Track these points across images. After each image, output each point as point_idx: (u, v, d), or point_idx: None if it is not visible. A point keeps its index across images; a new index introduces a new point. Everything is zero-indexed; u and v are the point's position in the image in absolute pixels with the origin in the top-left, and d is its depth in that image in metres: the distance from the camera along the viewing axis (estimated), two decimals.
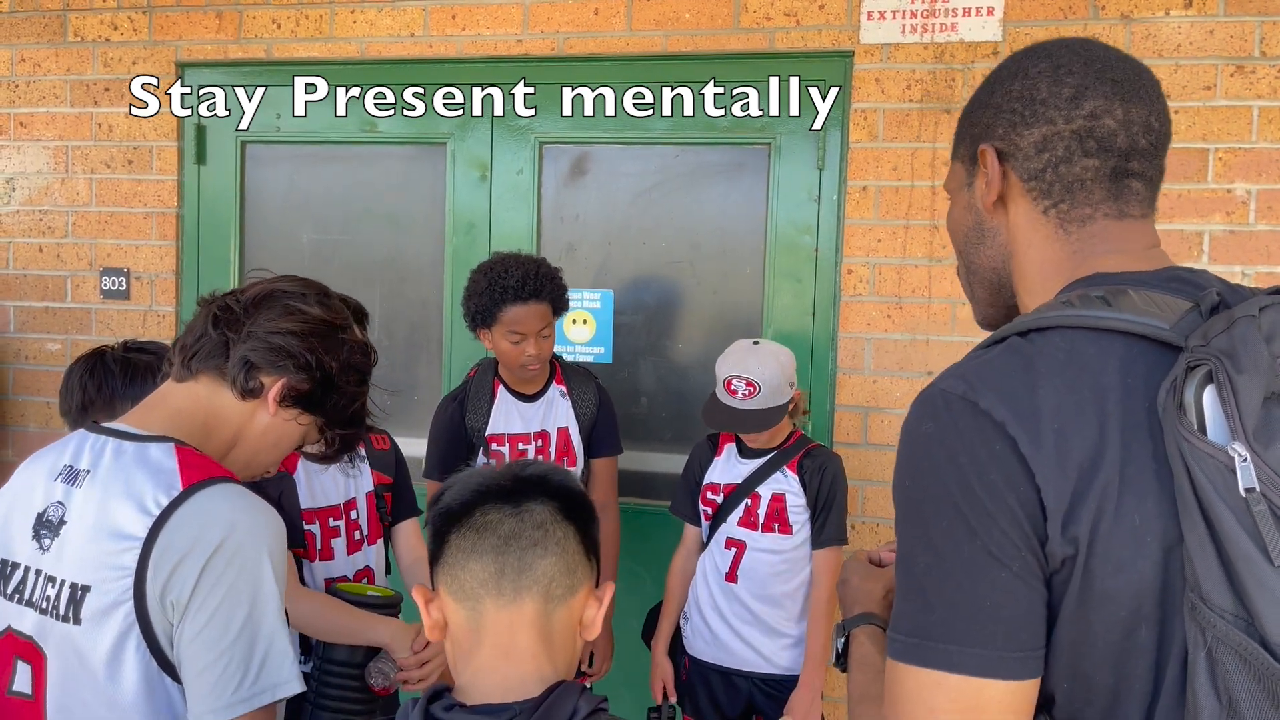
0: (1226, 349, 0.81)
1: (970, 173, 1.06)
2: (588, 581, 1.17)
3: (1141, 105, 0.97)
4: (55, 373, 3.54)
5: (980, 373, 0.89)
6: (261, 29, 3.36)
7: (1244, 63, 2.76)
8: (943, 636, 0.85)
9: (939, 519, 0.86)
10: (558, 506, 1.16)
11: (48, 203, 3.56)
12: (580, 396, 2.73)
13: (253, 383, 1.37)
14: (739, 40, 3.05)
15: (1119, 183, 0.98)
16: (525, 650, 1.11)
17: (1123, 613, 0.83)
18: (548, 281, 2.54)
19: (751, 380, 2.40)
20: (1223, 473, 0.78)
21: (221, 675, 1.19)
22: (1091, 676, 0.85)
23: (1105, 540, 0.82)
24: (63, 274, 3.57)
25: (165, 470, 1.25)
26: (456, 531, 1.14)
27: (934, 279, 2.96)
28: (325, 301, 1.45)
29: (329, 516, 2.15)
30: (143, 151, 3.48)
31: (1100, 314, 0.89)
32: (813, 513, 2.49)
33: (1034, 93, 0.99)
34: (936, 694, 0.84)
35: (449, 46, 3.24)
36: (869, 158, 2.98)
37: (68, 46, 3.51)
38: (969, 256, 1.09)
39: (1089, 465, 0.83)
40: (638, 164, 3.23)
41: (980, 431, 0.86)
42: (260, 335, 1.37)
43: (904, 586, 0.90)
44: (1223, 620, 0.78)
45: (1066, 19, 2.83)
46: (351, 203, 3.44)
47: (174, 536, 1.20)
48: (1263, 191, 2.77)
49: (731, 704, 2.56)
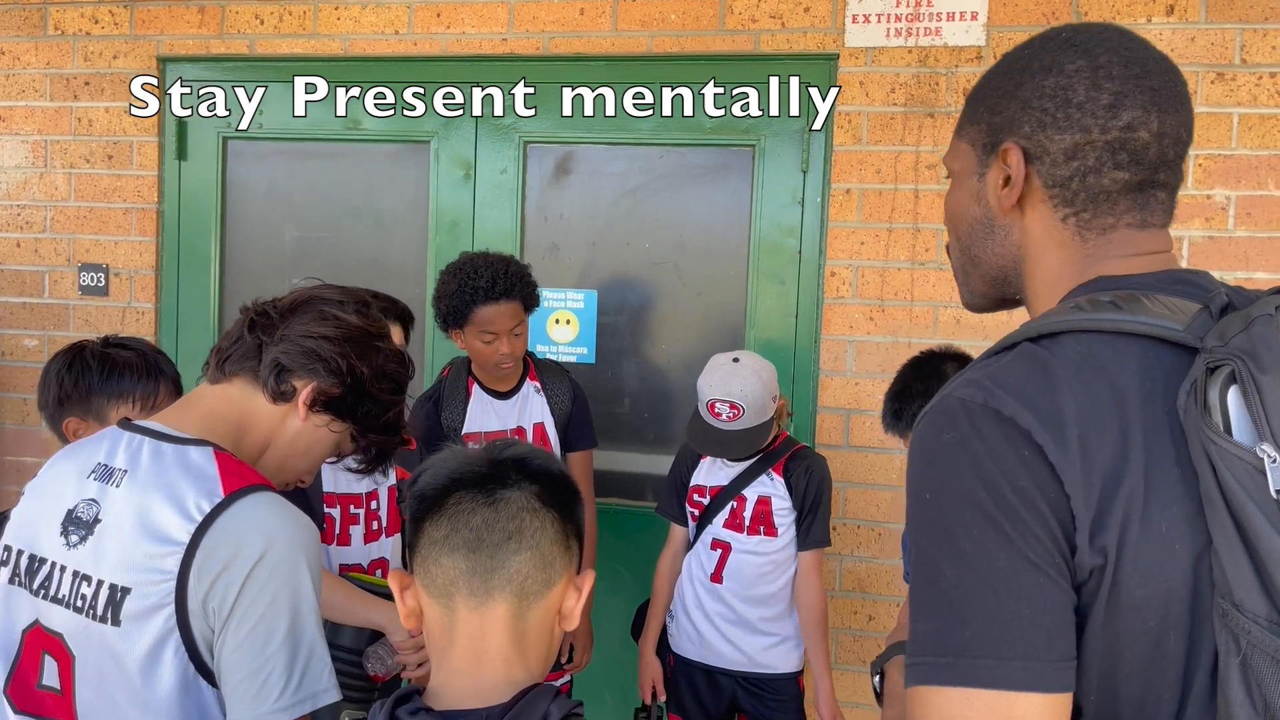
0: (1247, 349, 0.79)
1: (983, 162, 1.01)
2: (567, 570, 1.14)
3: (1175, 116, 0.94)
4: (32, 369, 3.50)
5: (997, 379, 0.86)
6: (244, 24, 3.34)
7: (1225, 70, 2.79)
8: (978, 651, 0.80)
9: (968, 528, 0.82)
10: (536, 492, 1.12)
11: (26, 198, 3.52)
12: (554, 391, 2.75)
13: (284, 385, 1.37)
14: (724, 42, 3.05)
15: (1145, 193, 0.95)
16: (497, 654, 1.09)
17: (1151, 622, 0.81)
18: (518, 280, 2.55)
19: (735, 403, 2.40)
20: (1251, 474, 0.76)
21: (265, 683, 1.21)
22: (1119, 687, 0.83)
23: (1134, 549, 0.80)
24: (41, 269, 3.53)
25: (207, 475, 1.26)
26: (430, 520, 1.11)
27: (916, 282, 2.97)
28: (363, 310, 1.46)
29: (350, 504, 2.18)
30: (123, 146, 3.45)
31: (1113, 317, 0.87)
32: (799, 515, 2.50)
33: (1069, 94, 0.94)
34: (970, 712, 0.80)
35: (434, 45, 3.23)
36: (853, 160, 2.99)
37: (47, 40, 3.48)
38: (972, 249, 1.04)
39: (1113, 472, 0.81)
40: (622, 164, 3.23)
41: (1007, 439, 0.83)
42: (293, 338, 1.38)
43: (926, 605, 0.85)
44: (1258, 626, 0.76)
45: (1050, 24, 2.84)
46: (334, 200, 3.42)
47: (217, 544, 1.22)
48: (1242, 198, 2.80)
49: (716, 702, 2.57)
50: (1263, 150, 2.78)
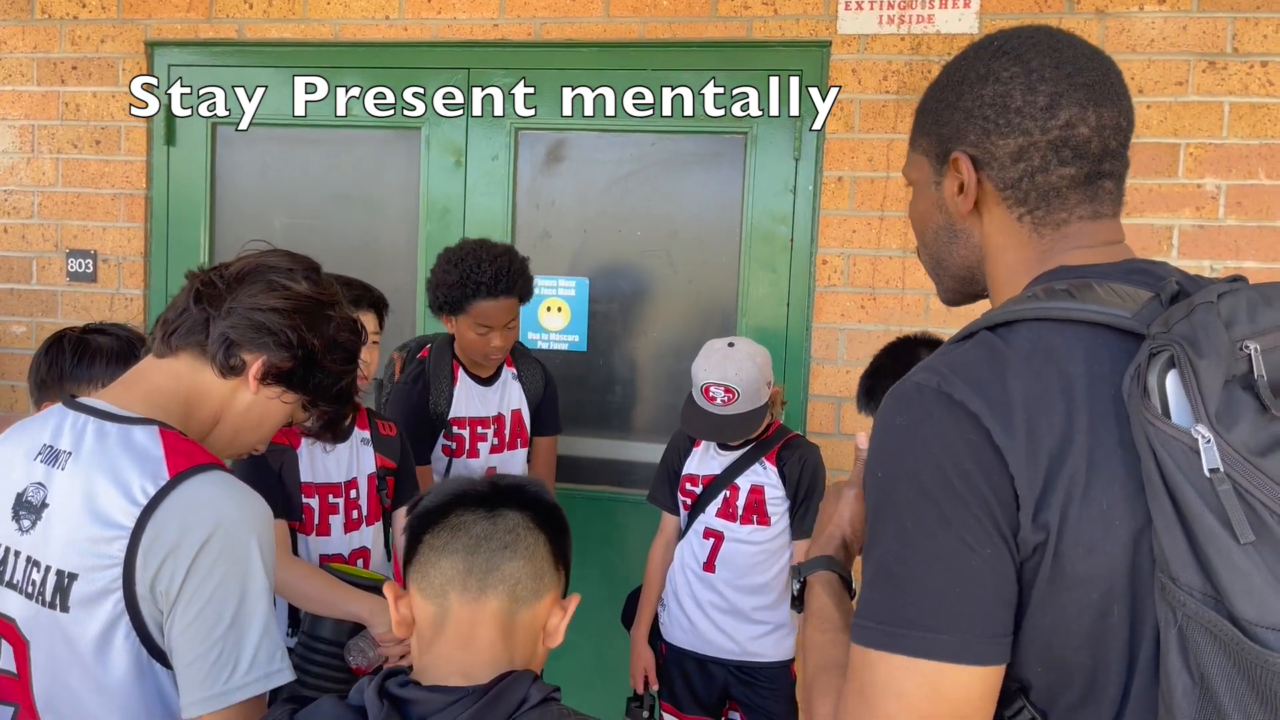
0: (1187, 334, 0.82)
1: (938, 171, 1.06)
2: (554, 589, 1.21)
3: (1112, 107, 0.98)
4: (19, 355, 3.49)
5: (953, 366, 0.91)
6: (233, 8, 3.31)
7: (1216, 59, 2.79)
8: (913, 623, 0.86)
9: (911, 507, 0.88)
10: (531, 516, 1.21)
11: (13, 183, 3.50)
12: (528, 378, 2.81)
13: (233, 360, 1.34)
14: (717, 28, 3.04)
15: (1093, 185, 0.99)
16: (484, 641, 1.14)
17: (1095, 595, 0.85)
18: (519, 276, 2.57)
19: (730, 387, 2.41)
20: (1187, 454, 0.80)
21: (214, 665, 1.19)
22: (1067, 659, 0.87)
23: (1075, 524, 0.84)
24: (28, 255, 3.51)
25: (151, 457, 1.23)
26: (431, 532, 1.19)
27: (908, 270, 2.97)
28: (313, 277, 1.42)
29: (329, 493, 2.17)
30: (111, 132, 3.43)
31: (1065, 305, 0.91)
32: (792, 504, 2.50)
33: (1007, 100, 0.99)
34: (905, 679, 0.86)
35: (424, 30, 3.21)
36: (845, 149, 2.98)
37: (35, 24, 3.44)
38: (938, 254, 1.11)
39: (1057, 452, 0.85)
40: (614, 151, 3.22)
41: (955, 422, 0.87)
42: (241, 312, 1.34)
43: (873, 574, 0.91)
44: (1192, 599, 0.79)
45: (1042, 12, 2.84)
46: (324, 187, 3.41)
47: (163, 527, 1.20)
48: (1232, 187, 2.80)
49: (708, 691, 2.58)
50: (1253, 139, 2.78)
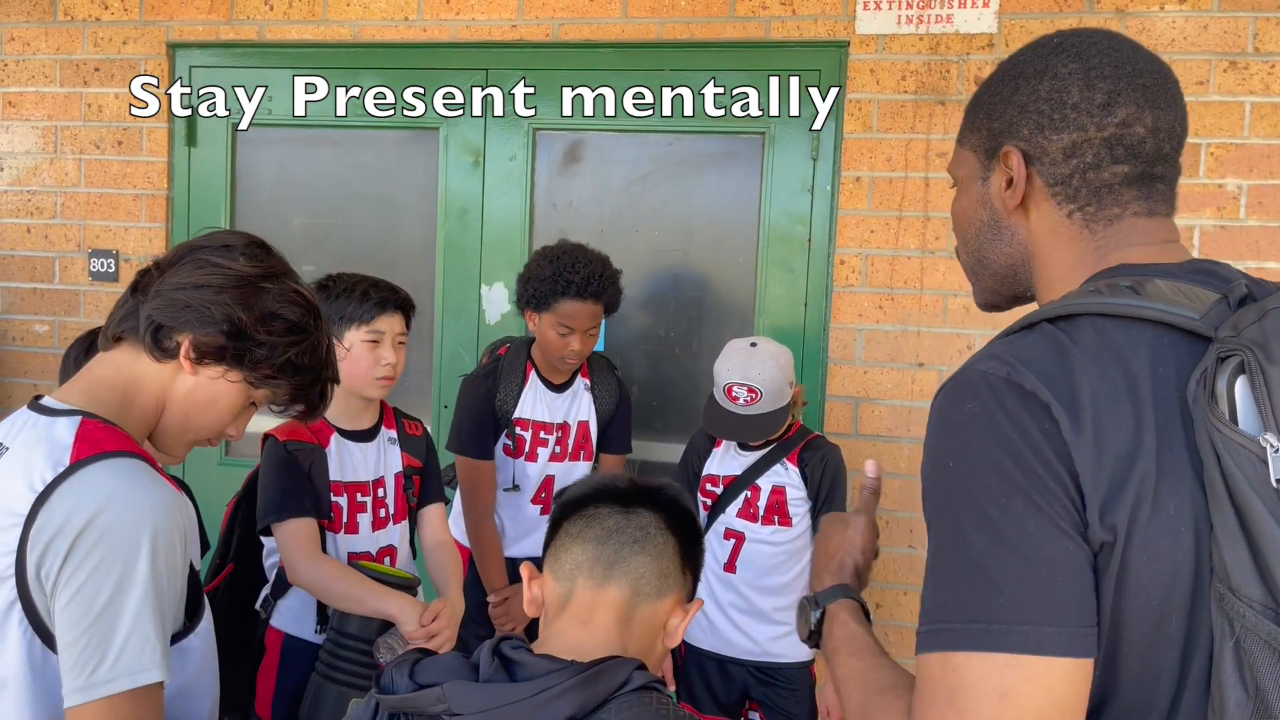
0: (1258, 340, 0.81)
1: (986, 167, 1.05)
2: (678, 591, 1.25)
3: (1169, 111, 0.97)
4: (42, 354, 3.52)
5: (1020, 357, 0.88)
6: (253, 10, 3.33)
7: (1237, 58, 2.77)
8: (1014, 617, 0.81)
9: (996, 496, 0.83)
10: (665, 518, 1.25)
11: (36, 183, 3.53)
12: (602, 391, 2.78)
13: (165, 343, 1.31)
14: (734, 29, 3.04)
15: (1147, 184, 0.98)
16: (600, 625, 1.19)
17: (1155, 601, 0.83)
18: (610, 284, 2.58)
19: (753, 387, 2.41)
20: (1254, 463, 0.78)
21: (81, 655, 1.15)
22: (1119, 665, 0.85)
23: (1143, 529, 0.82)
24: (51, 255, 3.54)
25: (59, 446, 1.22)
26: (569, 520, 1.25)
27: (926, 270, 2.97)
28: (254, 253, 1.37)
29: (357, 492, 2.19)
30: (133, 133, 3.45)
31: (1130, 302, 0.89)
32: (814, 505, 2.50)
33: (1064, 96, 0.97)
34: (1007, 677, 0.80)
35: (443, 31, 3.22)
36: (863, 149, 2.98)
37: (58, 26, 3.48)
38: (981, 251, 1.08)
39: (1126, 454, 0.83)
40: (631, 151, 3.23)
41: (1029, 410, 0.85)
42: (166, 293, 1.32)
43: (954, 571, 0.85)
44: (1251, 610, 0.78)
45: (1062, 12, 2.83)
46: (343, 187, 3.42)
47: (52, 513, 1.17)
48: (1253, 187, 2.79)
49: (727, 691, 2.58)
50: (1275, 139, 2.77)
